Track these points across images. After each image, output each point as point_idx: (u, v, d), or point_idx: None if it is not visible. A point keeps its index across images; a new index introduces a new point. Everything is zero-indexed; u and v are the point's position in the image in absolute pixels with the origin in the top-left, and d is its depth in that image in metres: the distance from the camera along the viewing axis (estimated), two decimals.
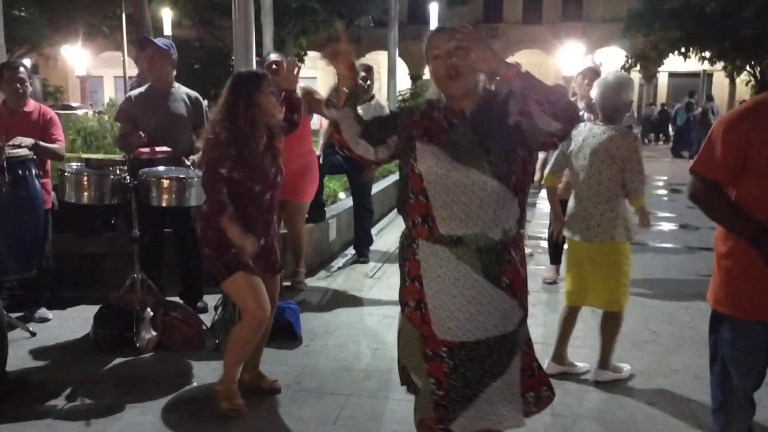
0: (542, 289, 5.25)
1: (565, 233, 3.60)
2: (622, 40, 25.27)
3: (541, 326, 4.35)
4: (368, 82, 5.79)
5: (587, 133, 3.44)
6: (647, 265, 5.90)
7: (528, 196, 2.18)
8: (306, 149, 5.05)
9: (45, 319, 4.41)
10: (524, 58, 29.03)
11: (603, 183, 3.35)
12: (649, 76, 29.93)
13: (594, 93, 3.50)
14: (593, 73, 5.20)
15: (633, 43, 25.17)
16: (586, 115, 5.11)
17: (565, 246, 6.12)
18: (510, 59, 13.82)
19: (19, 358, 3.76)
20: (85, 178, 3.84)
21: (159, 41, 4.52)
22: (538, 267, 5.66)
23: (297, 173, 4.94)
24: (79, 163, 4.19)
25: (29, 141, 4.08)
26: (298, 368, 3.71)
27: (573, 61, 21.80)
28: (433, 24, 15.01)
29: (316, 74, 33.25)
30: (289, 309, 4.22)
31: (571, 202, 3.56)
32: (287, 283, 5.09)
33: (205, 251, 3.13)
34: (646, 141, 24.97)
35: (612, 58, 28.16)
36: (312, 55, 29.53)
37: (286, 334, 4.09)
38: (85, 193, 3.87)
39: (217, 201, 3.01)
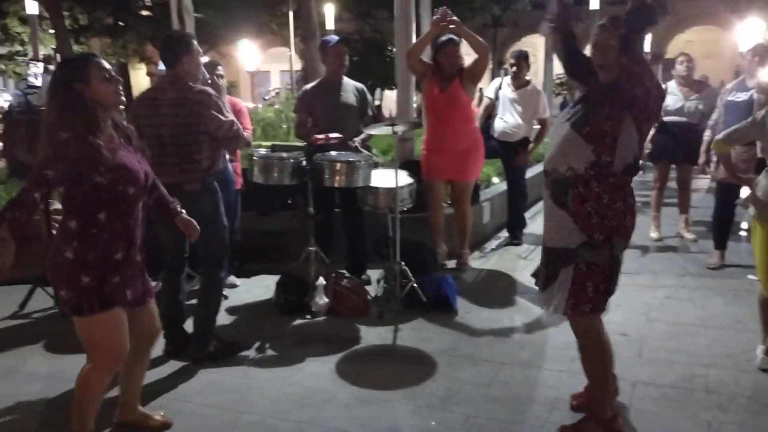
0: (704, 274, 5.13)
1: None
2: None
3: (700, 309, 4.35)
4: (514, 69, 5.95)
5: None
6: None
7: (611, 148, 2.52)
8: (470, 128, 5.22)
9: (234, 286, 5.06)
10: (696, 35, 26.80)
11: None
12: None
13: None
14: (764, 50, 4.95)
15: None
16: (755, 95, 4.88)
17: (743, 233, 5.86)
18: (680, 36, 13.48)
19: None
20: (271, 161, 4.34)
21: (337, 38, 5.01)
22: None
23: (463, 152, 5.13)
24: (265, 149, 4.72)
25: None
26: (454, 336, 4.00)
27: (752, 37, 19.95)
28: (594, 5, 14.51)
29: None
30: (447, 283, 4.53)
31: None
32: (451, 263, 5.39)
33: (81, 278, 2.50)
34: None
35: None
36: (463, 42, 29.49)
37: (442, 307, 4.40)
38: (270, 175, 4.34)
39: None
